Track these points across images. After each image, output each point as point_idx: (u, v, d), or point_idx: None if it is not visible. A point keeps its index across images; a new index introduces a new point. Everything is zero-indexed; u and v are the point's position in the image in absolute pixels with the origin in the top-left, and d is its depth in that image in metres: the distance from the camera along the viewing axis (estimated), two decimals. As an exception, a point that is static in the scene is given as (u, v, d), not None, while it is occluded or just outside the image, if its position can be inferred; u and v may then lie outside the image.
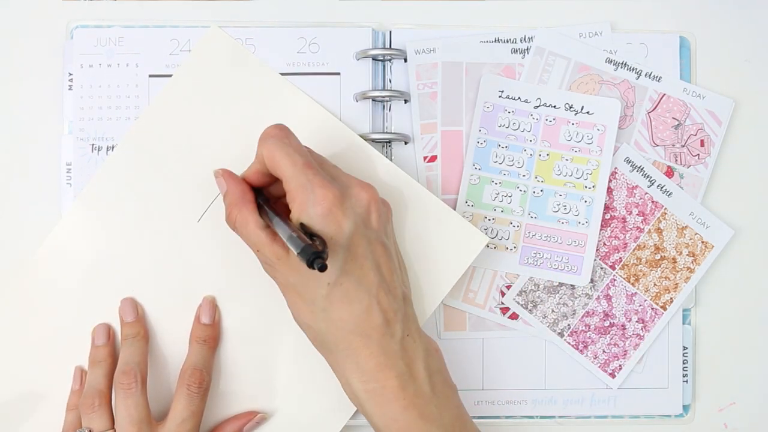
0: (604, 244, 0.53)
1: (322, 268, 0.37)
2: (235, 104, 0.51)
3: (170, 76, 0.51)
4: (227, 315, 0.50)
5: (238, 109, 0.51)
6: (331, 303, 0.42)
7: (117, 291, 0.50)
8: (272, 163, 0.42)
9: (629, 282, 0.53)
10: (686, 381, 0.54)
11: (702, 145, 0.54)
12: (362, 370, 0.42)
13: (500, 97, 0.53)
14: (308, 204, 0.41)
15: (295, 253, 0.38)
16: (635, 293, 0.53)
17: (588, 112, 0.53)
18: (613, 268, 0.53)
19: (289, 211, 0.43)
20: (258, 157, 0.44)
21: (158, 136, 0.51)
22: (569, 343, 0.53)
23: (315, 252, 0.37)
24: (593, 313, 0.53)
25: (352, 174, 0.46)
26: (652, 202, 0.53)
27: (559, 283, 0.53)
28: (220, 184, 0.46)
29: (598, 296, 0.53)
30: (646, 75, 0.53)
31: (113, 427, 0.46)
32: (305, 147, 0.44)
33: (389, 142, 0.52)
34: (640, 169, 0.53)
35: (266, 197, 0.46)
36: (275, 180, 0.45)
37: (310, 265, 0.37)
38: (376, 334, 0.42)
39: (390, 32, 0.53)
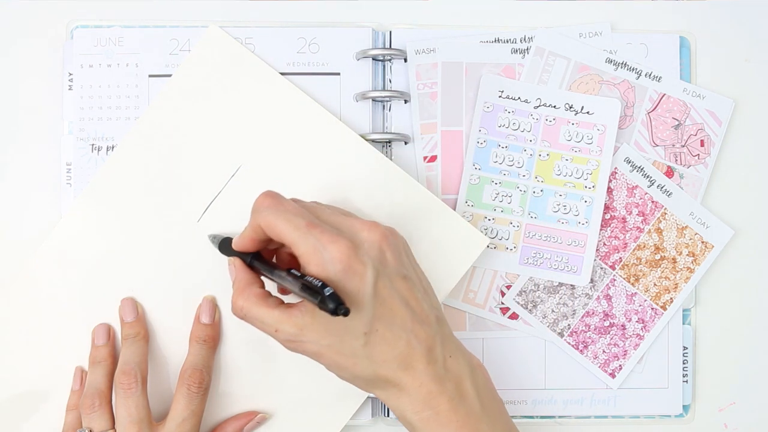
0: (604, 244, 0.53)
1: (346, 313, 0.38)
2: (235, 104, 0.51)
3: (170, 76, 0.51)
4: (227, 315, 0.50)
5: (238, 109, 0.51)
6: (371, 349, 0.42)
7: (117, 291, 0.50)
8: (274, 232, 0.42)
9: (629, 282, 0.53)
10: (686, 381, 0.54)
11: (702, 145, 0.54)
12: (415, 401, 0.42)
13: (500, 97, 0.53)
14: (325, 264, 0.41)
15: (316, 302, 0.38)
16: (635, 293, 0.53)
17: (588, 112, 0.53)
18: (613, 268, 0.53)
19: (288, 264, 0.44)
20: (253, 227, 0.43)
21: (158, 136, 0.50)
22: (569, 343, 0.53)
23: (337, 296, 0.38)
24: (593, 313, 0.53)
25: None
26: (652, 202, 0.53)
27: (559, 283, 0.53)
28: (230, 271, 0.46)
29: (598, 296, 0.53)
30: (646, 75, 0.53)
31: (113, 427, 0.46)
32: (297, 202, 0.44)
33: (389, 142, 0.52)
34: (640, 169, 0.53)
35: (263, 259, 0.46)
36: (269, 243, 0.45)
37: (335, 312, 0.37)
38: (420, 365, 0.42)
39: (390, 32, 0.53)
